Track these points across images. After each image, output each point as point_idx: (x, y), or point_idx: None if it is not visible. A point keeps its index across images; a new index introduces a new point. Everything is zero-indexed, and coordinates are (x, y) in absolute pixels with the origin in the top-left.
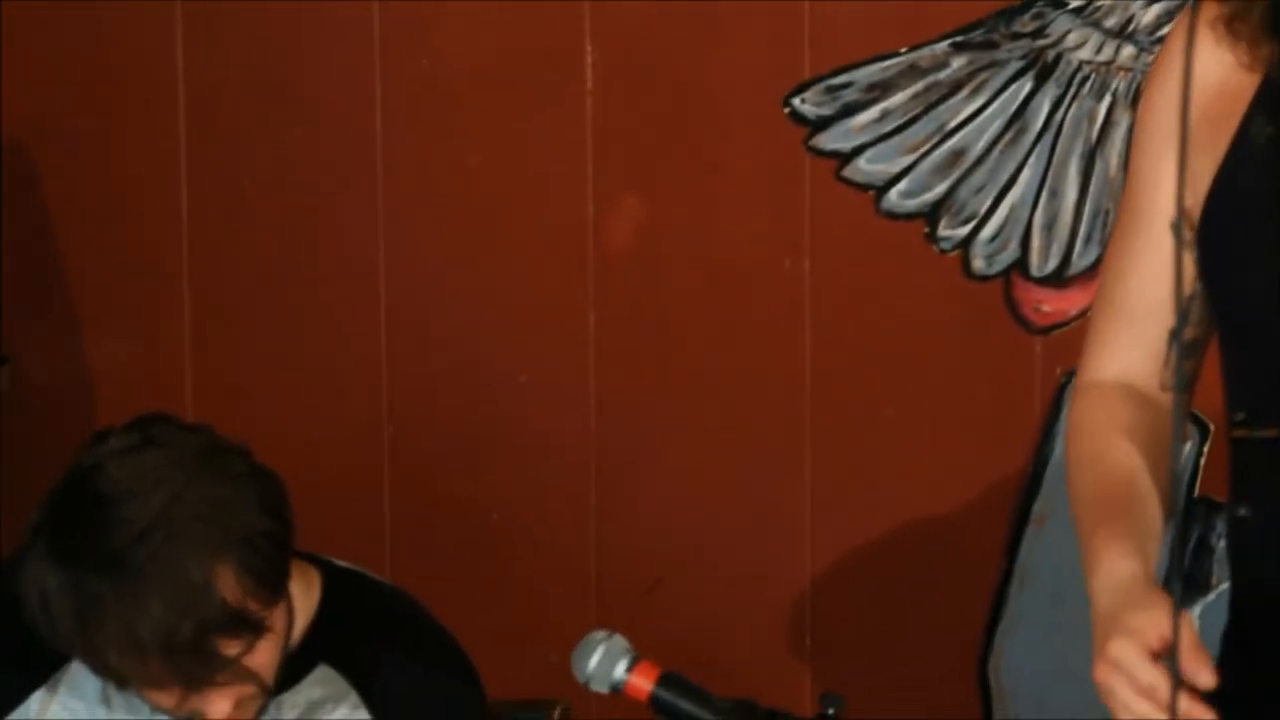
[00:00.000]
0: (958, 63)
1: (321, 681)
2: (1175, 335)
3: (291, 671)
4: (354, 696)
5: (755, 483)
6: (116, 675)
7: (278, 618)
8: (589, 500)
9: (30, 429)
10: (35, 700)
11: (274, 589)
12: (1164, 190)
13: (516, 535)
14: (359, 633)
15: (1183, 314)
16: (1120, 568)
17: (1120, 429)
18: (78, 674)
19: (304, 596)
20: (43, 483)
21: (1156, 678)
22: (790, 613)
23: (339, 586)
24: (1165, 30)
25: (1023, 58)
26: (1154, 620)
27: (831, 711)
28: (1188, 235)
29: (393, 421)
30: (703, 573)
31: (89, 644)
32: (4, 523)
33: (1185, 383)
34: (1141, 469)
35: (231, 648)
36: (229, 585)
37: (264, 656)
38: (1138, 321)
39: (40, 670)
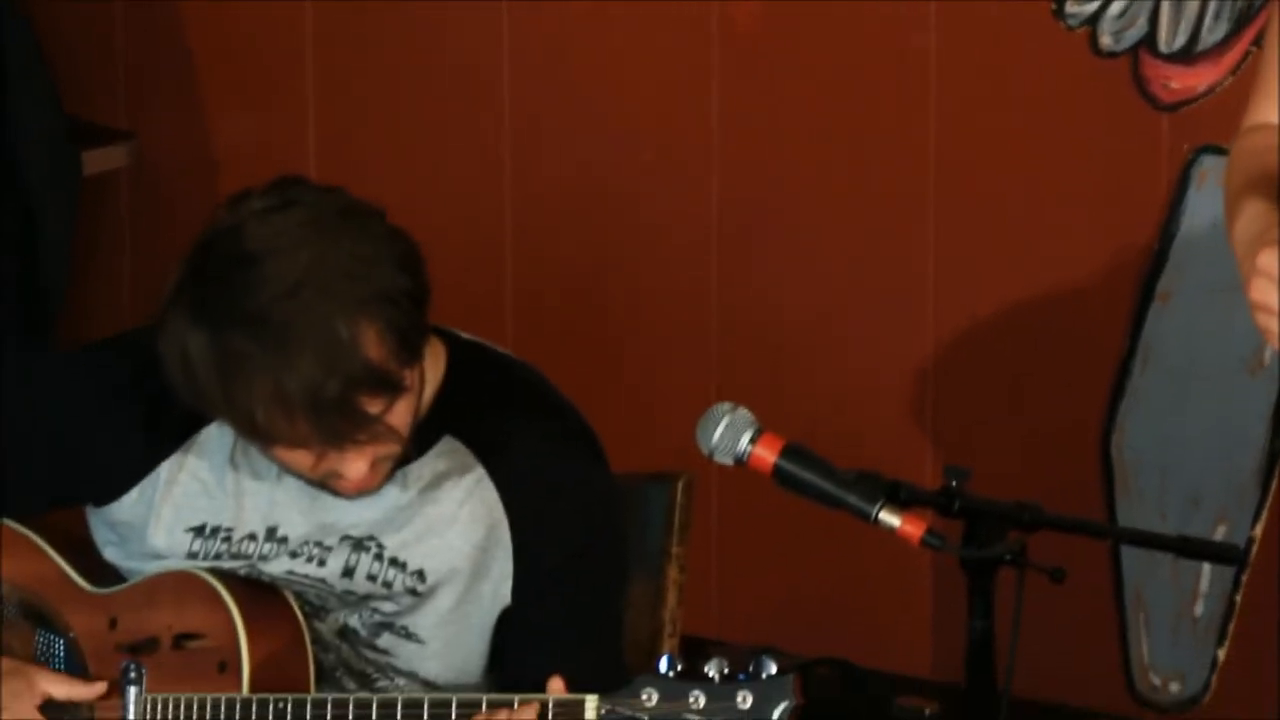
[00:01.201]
0: None
1: (446, 454)
2: None
3: (417, 443)
4: (479, 469)
5: (878, 258)
6: (261, 433)
7: (415, 378)
8: (710, 273)
9: (155, 205)
10: (165, 468)
11: (413, 349)
12: None
13: (638, 310)
14: (485, 405)
15: None
16: (1261, 209)
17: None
18: (206, 442)
19: (431, 368)
20: (167, 257)
21: None
22: (912, 387)
23: (465, 359)
24: None
25: None
26: None
27: (955, 483)
28: None
29: (514, 198)
30: (824, 347)
31: (233, 402)
32: (130, 297)
33: None
34: None
35: (374, 405)
36: (372, 343)
37: (401, 417)
38: None
39: (170, 439)
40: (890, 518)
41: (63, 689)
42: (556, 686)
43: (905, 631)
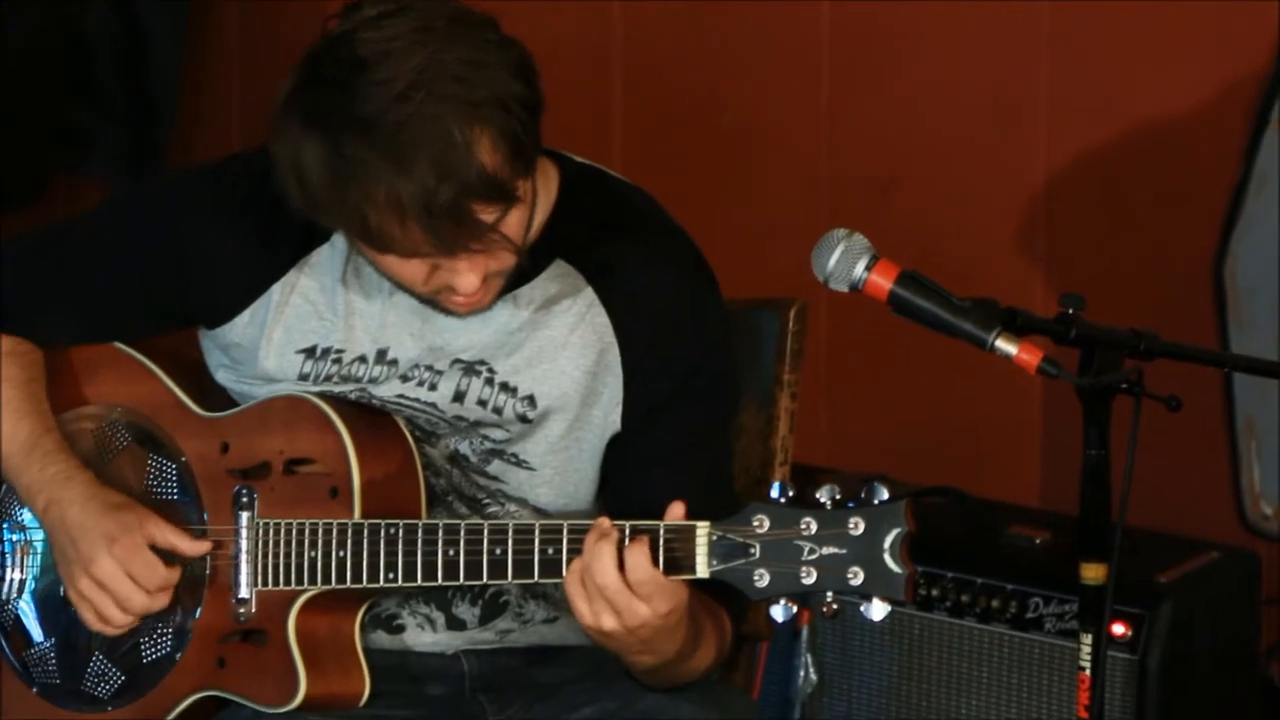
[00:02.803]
0: None
1: (558, 277)
2: None
3: (528, 266)
4: (589, 292)
5: (991, 85)
6: (373, 239)
7: (528, 190)
8: (820, 100)
9: (264, 26)
10: (276, 289)
11: (528, 158)
12: None
13: (748, 136)
14: (597, 229)
15: None
16: None
17: None
18: (318, 263)
19: (543, 190)
20: (276, 79)
21: None
22: (1025, 215)
23: (578, 182)
24: None
25: None
26: None
27: (1071, 311)
28: None
29: (625, 22)
30: (936, 174)
31: (346, 208)
32: (240, 118)
33: None
34: None
35: (487, 213)
36: (486, 149)
37: (514, 228)
38: None
39: (282, 259)
40: (1006, 345)
41: (170, 537)
42: (677, 513)
43: (1013, 460)
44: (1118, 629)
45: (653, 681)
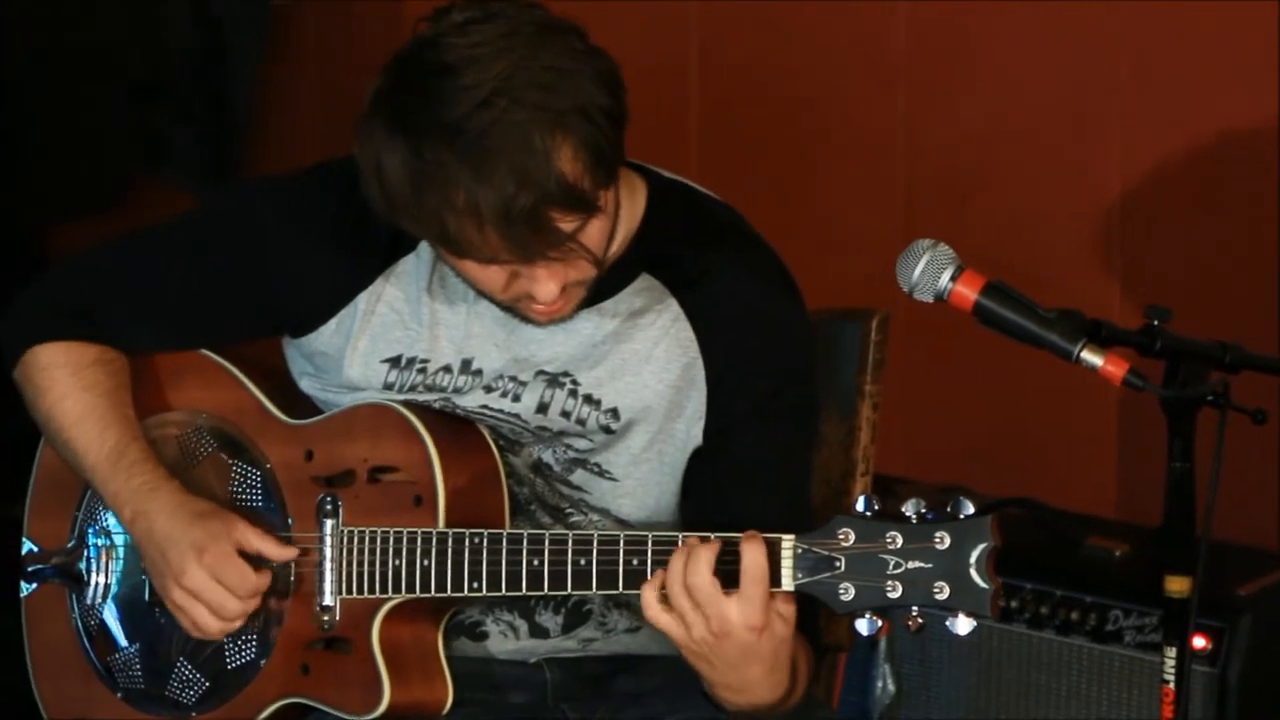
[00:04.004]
0: None
1: (643, 290)
2: None
3: (613, 279)
4: (675, 306)
5: (1067, 94)
6: (452, 244)
7: (609, 201)
8: (897, 107)
9: (341, 35)
10: (363, 298)
11: (609, 169)
12: None
13: (823, 142)
14: (683, 243)
15: None
16: None
17: None
18: (404, 273)
19: (629, 204)
20: (352, 87)
21: None
22: (1101, 225)
23: (665, 196)
24: None
25: None
26: None
27: (1157, 323)
28: None
29: (701, 29)
30: (1012, 182)
31: (425, 212)
32: (316, 127)
33: None
34: None
35: (566, 222)
36: (566, 157)
37: (594, 239)
38: None
39: (368, 269)
40: (1092, 357)
41: (257, 542)
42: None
43: (1090, 471)
44: (1199, 642)
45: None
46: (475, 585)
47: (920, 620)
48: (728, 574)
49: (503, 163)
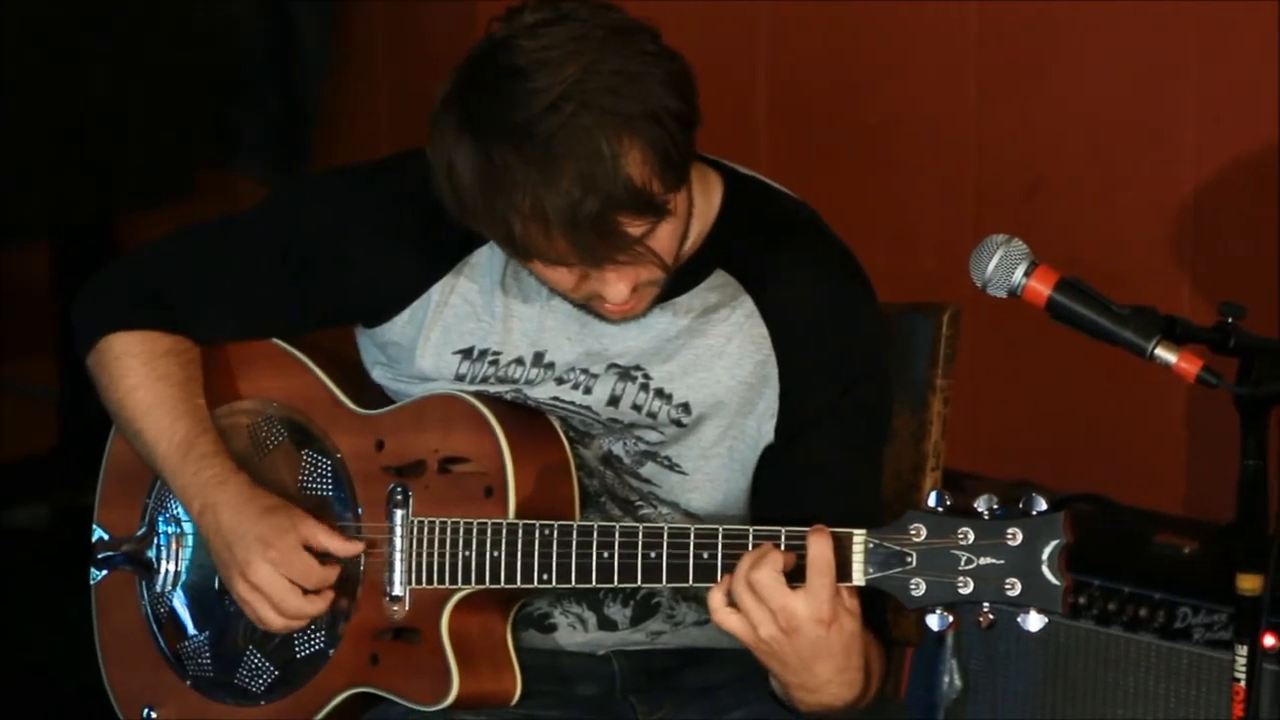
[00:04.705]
0: None
1: (717, 287)
2: None
3: (687, 275)
4: (748, 302)
5: (1140, 88)
6: (519, 247)
7: (680, 203)
8: (968, 101)
9: (410, 24)
10: (436, 290)
11: (678, 172)
12: None
13: (894, 136)
14: (758, 240)
15: None
16: None
17: None
18: (478, 265)
19: (704, 200)
20: (422, 77)
21: None
22: (1172, 221)
23: (740, 193)
24: None
25: None
26: None
27: (1230, 320)
28: None
29: (770, 22)
30: (1083, 177)
31: (493, 215)
32: (387, 116)
33: None
34: None
35: (634, 226)
36: (634, 162)
37: (664, 241)
38: None
39: (442, 261)
40: (1166, 353)
41: (324, 538)
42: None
43: (1158, 468)
44: (1269, 640)
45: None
46: (545, 577)
47: (991, 616)
48: (795, 570)
49: (570, 168)
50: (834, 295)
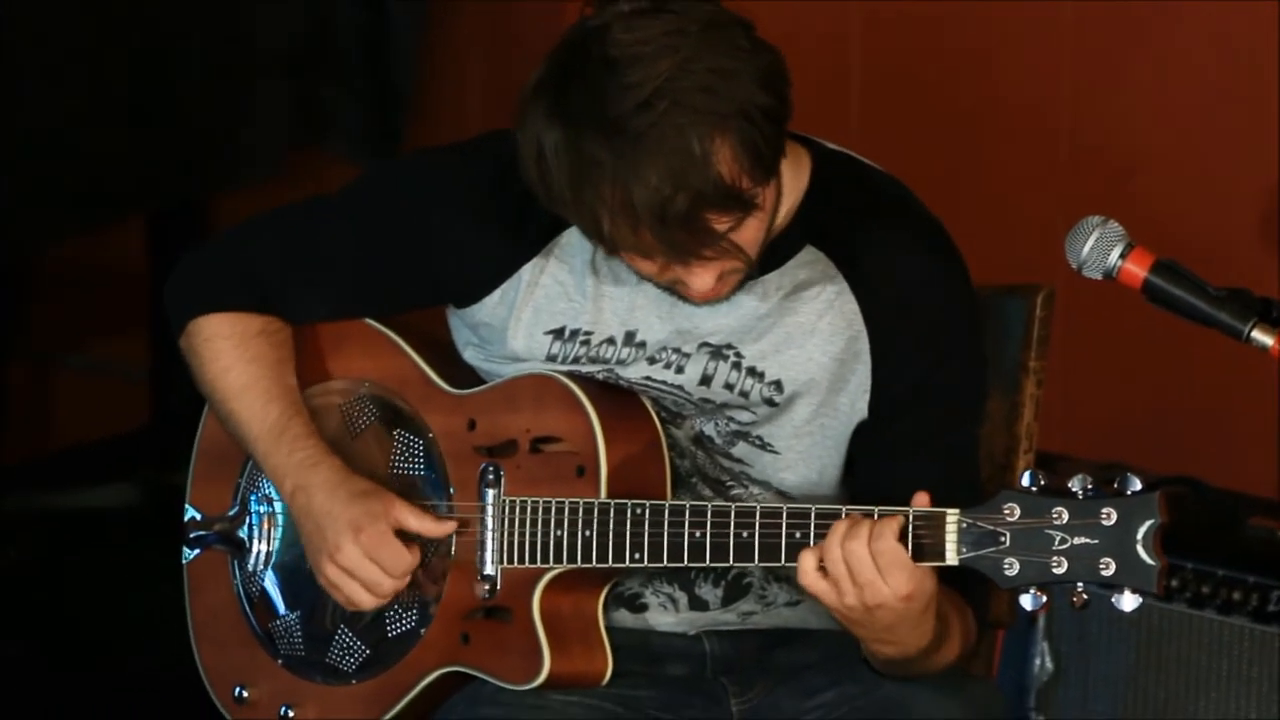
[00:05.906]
0: None
1: (808, 264)
2: None
3: (777, 252)
4: (840, 280)
5: (1234, 71)
6: (606, 239)
7: (768, 197)
8: (1062, 85)
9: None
10: (527, 270)
11: (768, 168)
12: None
13: (987, 120)
14: (848, 217)
15: None
16: None
17: None
18: (568, 245)
19: (793, 177)
20: (516, 60)
21: None
22: (1263, 205)
23: (829, 170)
24: None
25: None
26: None
27: None
28: None
29: (864, 6)
30: (1176, 160)
31: (581, 206)
32: (480, 98)
33: None
34: None
35: (721, 223)
36: (725, 159)
37: (750, 234)
38: None
39: (533, 241)
40: (1263, 336)
41: (415, 522)
42: (922, 500)
43: (1251, 451)
44: None
45: (891, 672)
46: (636, 556)
47: (1085, 596)
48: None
49: (660, 165)
50: (926, 269)
